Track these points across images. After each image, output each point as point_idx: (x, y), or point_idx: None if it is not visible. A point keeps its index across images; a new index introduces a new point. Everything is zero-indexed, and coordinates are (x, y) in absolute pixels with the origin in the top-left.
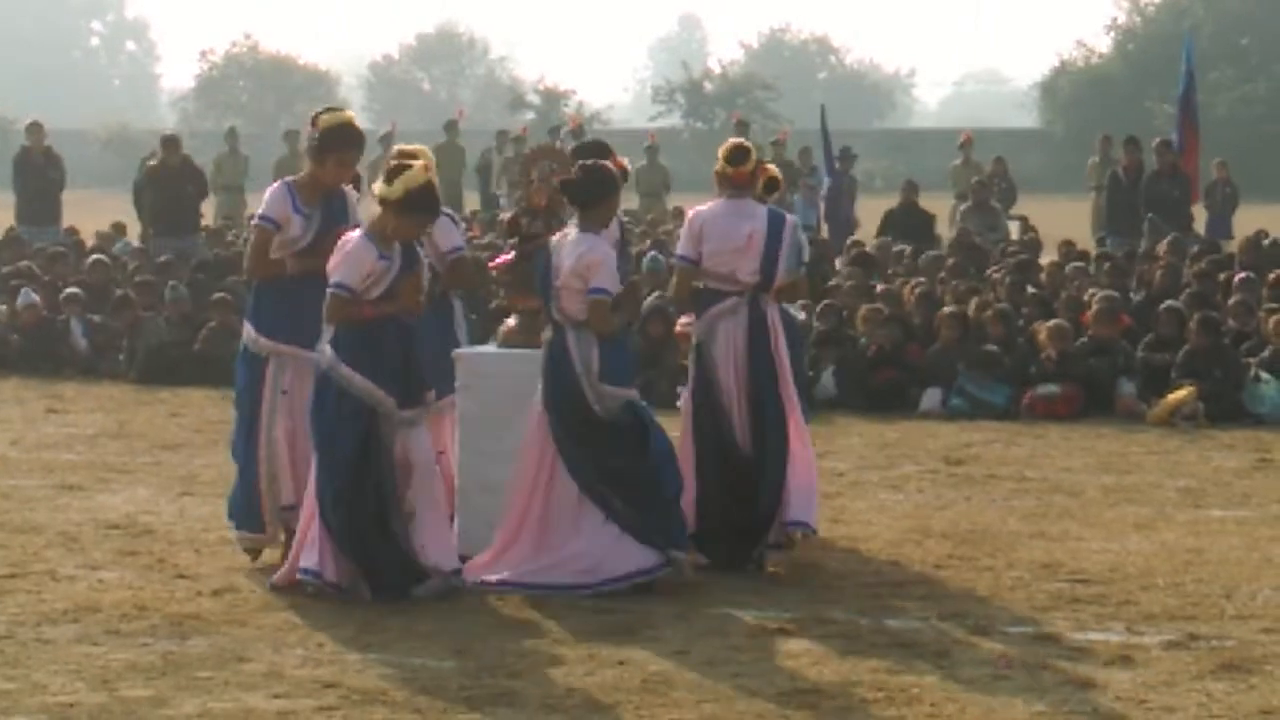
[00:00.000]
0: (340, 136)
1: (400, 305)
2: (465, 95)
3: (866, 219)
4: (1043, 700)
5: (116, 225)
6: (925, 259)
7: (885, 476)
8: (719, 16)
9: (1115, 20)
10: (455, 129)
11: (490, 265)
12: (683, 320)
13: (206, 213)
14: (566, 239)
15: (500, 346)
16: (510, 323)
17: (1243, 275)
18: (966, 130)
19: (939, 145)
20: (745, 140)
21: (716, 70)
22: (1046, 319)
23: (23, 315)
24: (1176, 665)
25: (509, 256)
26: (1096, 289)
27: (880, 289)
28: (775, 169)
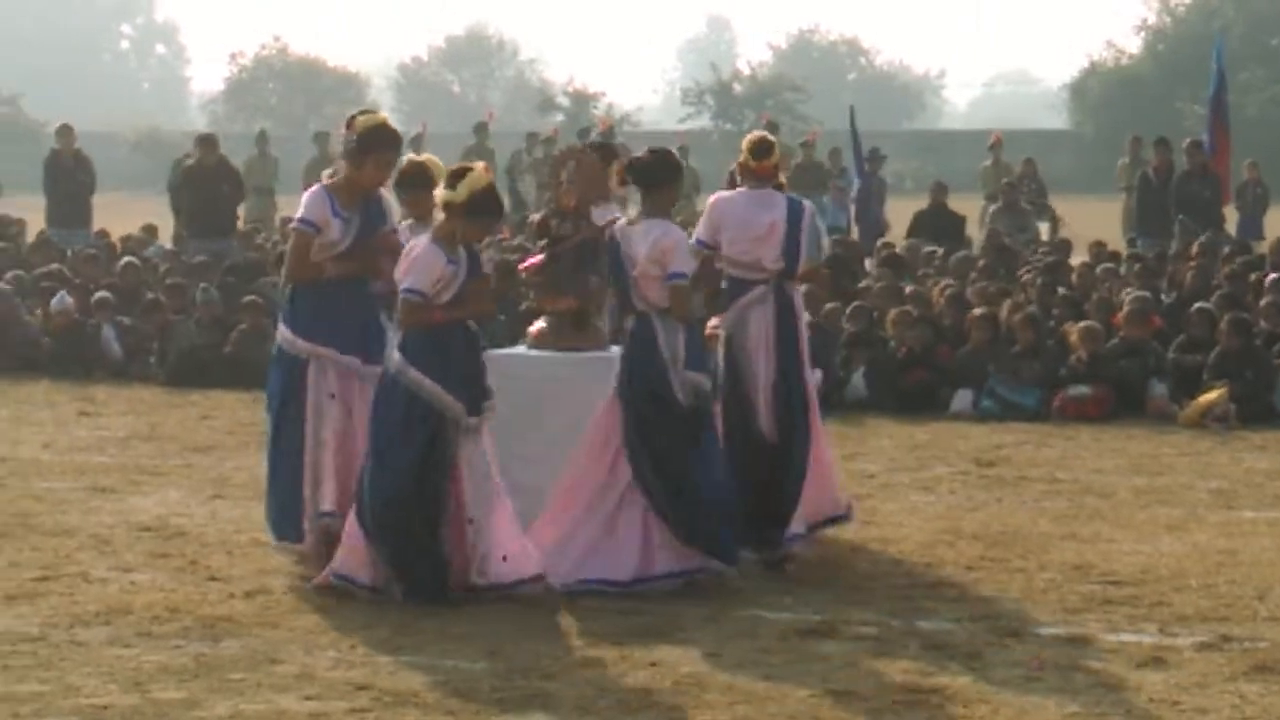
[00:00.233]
0: (379, 138)
1: (470, 310)
2: (495, 97)
3: (896, 220)
4: (1075, 702)
5: (147, 228)
6: (955, 260)
7: (916, 478)
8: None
9: (1145, 21)
10: (485, 131)
11: (520, 267)
12: (711, 323)
13: (240, 215)
14: (634, 227)
15: (530, 348)
16: (540, 325)
17: (1274, 276)
18: (996, 131)
19: (969, 146)
20: (769, 135)
21: (745, 72)
22: (1077, 320)
23: (55, 319)
24: (1209, 667)
25: (539, 258)
26: (1128, 290)
27: (910, 291)
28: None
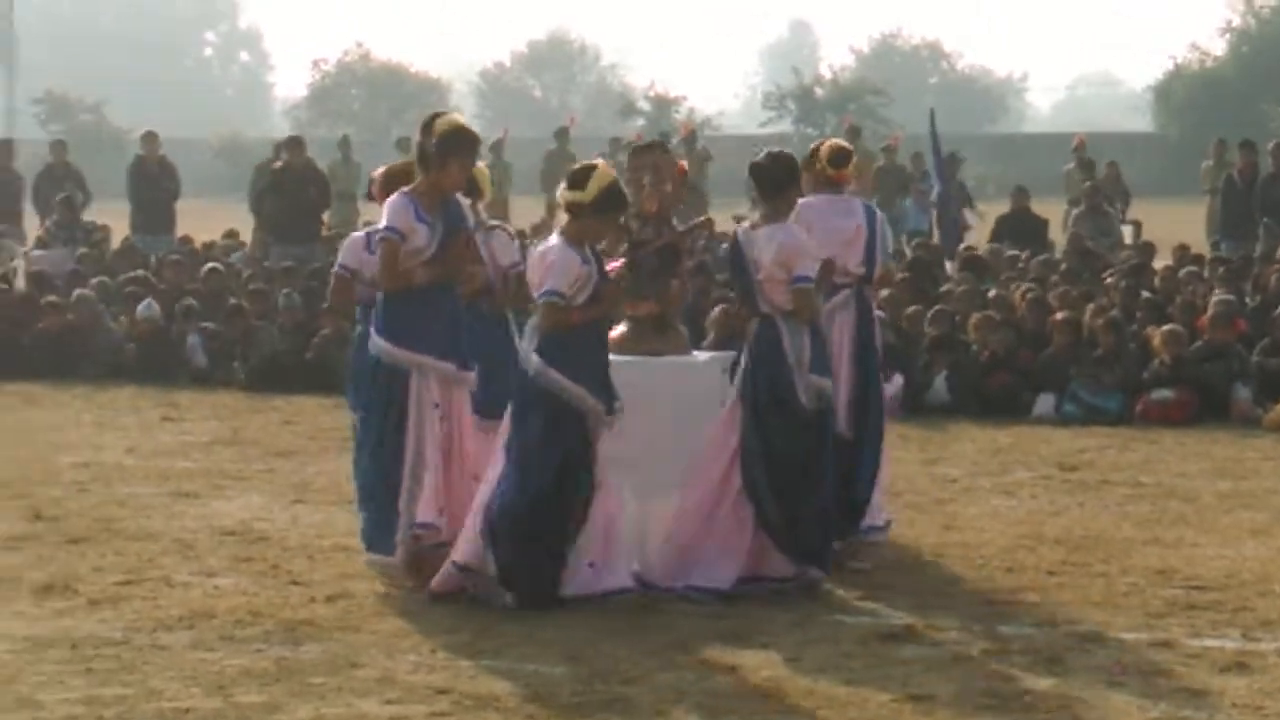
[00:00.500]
0: (461, 140)
1: (604, 310)
2: (576, 102)
3: (978, 225)
4: (1157, 707)
5: (231, 233)
6: (1037, 263)
7: (998, 482)
8: (830, 22)
9: (1230, 23)
10: (566, 136)
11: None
12: None
13: (325, 221)
14: (757, 231)
15: (611, 353)
16: (621, 329)
17: None
18: (1079, 134)
19: (1051, 150)
20: (844, 143)
21: (827, 76)
22: (1160, 324)
23: (140, 325)
24: None
25: (619, 262)
26: (1214, 293)
27: (993, 295)
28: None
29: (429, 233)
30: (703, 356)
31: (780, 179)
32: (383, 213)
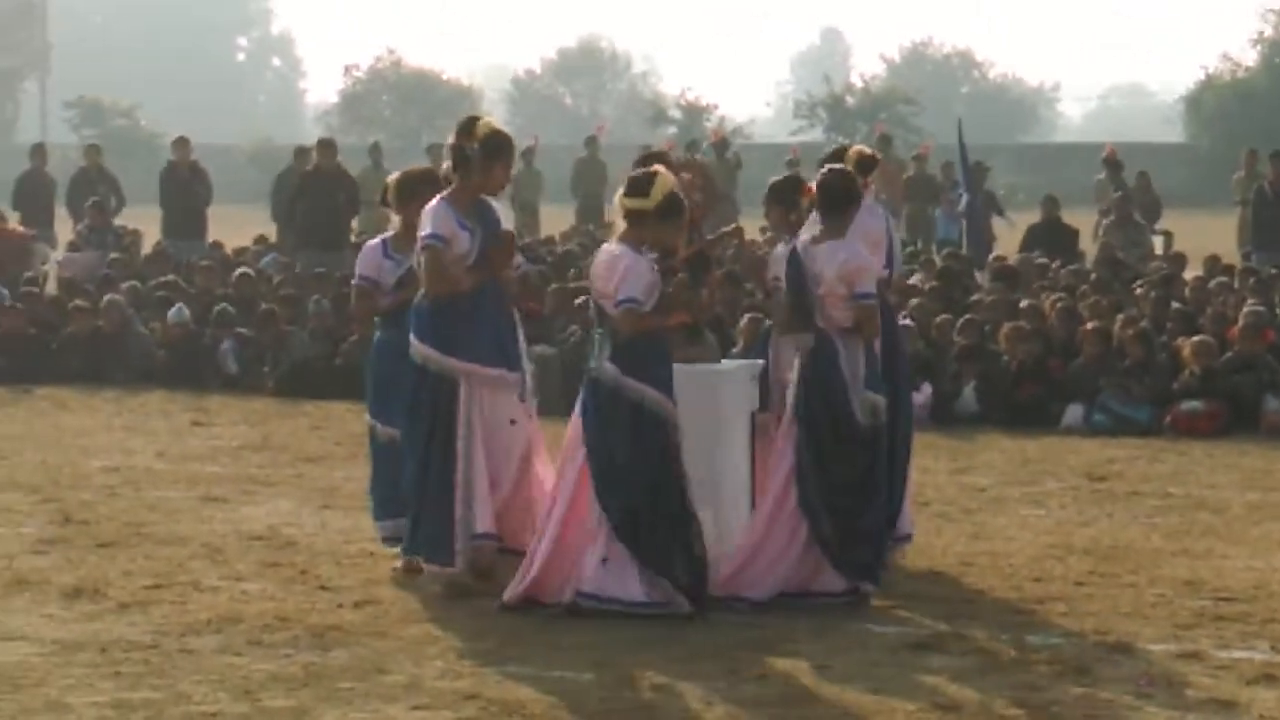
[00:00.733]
0: (504, 144)
1: (678, 315)
2: (607, 110)
3: (1008, 234)
4: (1185, 719)
5: (260, 239)
6: (1067, 273)
7: (1027, 492)
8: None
9: (1261, 33)
10: (596, 144)
11: None
12: None
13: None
14: (819, 246)
15: None
16: None
17: None
18: (1110, 144)
19: (1083, 160)
20: (870, 150)
21: (859, 84)
22: (1191, 335)
23: (171, 330)
24: None
25: None
26: (1243, 304)
27: (1025, 305)
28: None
29: (470, 238)
30: (731, 365)
31: (844, 196)
32: (422, 220)
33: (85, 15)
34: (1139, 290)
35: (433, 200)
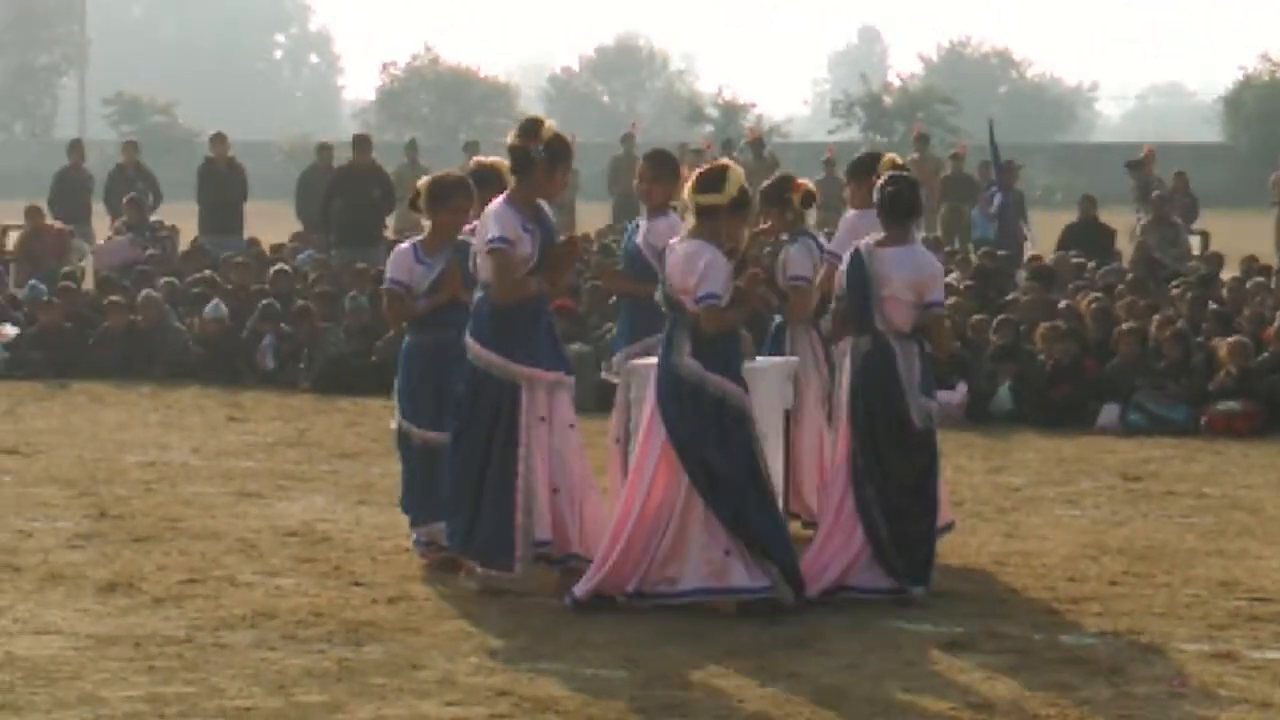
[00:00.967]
0: (568, 149)
1: (749, 310)
2: (644, 108)
3: (1046, 234)
4: (1219, 719)
5: (297, 235)
6: (1103, 273)
7: (1062, 492)
8: (899, 29)
9: None
10: (631, 142)
11: None
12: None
13: (388, 224)
14: (885, 250)
15: None
16: None
17: None
18: (1148, 144)
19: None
20: (900, 159)
21: (896, 83)
22: (1227, 335)
23: (208, 325)
24: None
25: None
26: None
27: (1064, 305)
28: (811, 184)
29: (533, 241)
30: (766, 362)
31: (911, 205)
32: (485, 222)
33: (124, 11)
34: (1175, 290)
35: (494, 202)
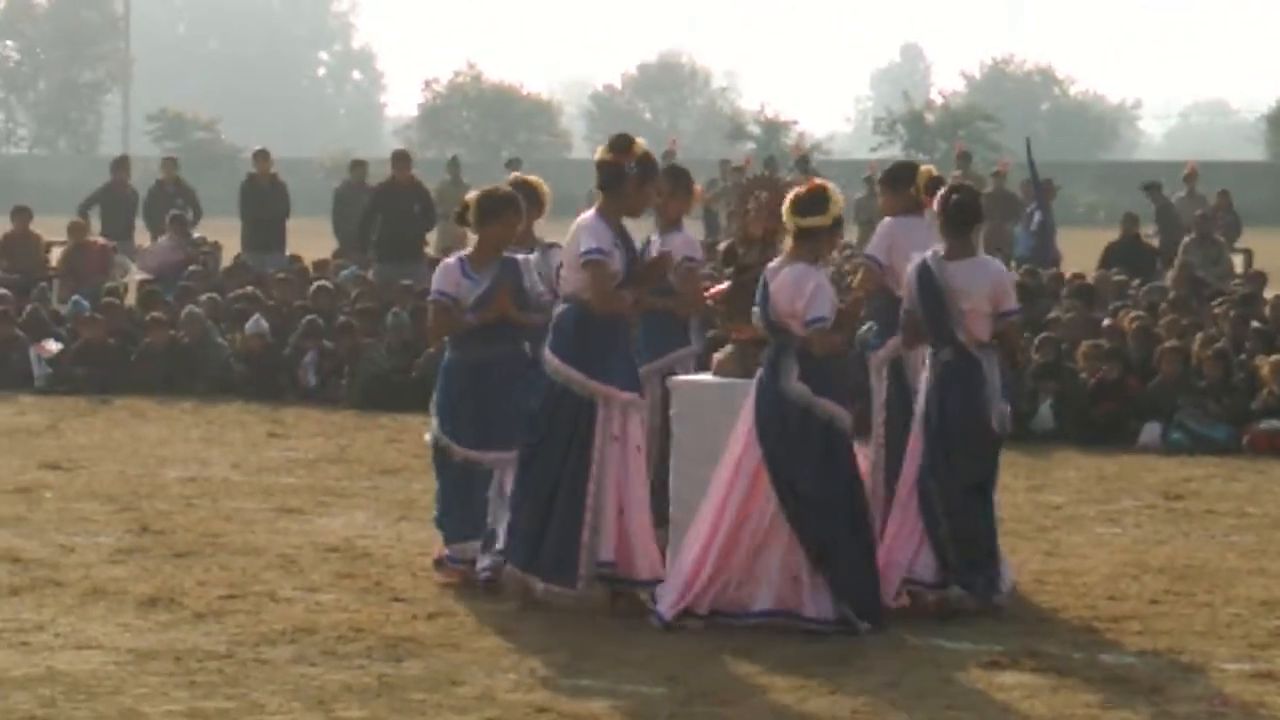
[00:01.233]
0: (656, 165)
1: (852, 332)
2: (686, 125)
3: (1088, 252)
4: None
5: (339, 252)
6: (1145, 291)
7: (1103, 510)
8: (942, 47)
9: None
10: (672, 159)
11: (706, 295)
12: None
13: (429, 240)
14: (956, 263)
15: (715, 375)
16: (725, 352)
17: None
18: (1191, 162)
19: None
20: (937, 171)
21: (938, 101)
22: (1269, 354)
23: (249, 341)
24: None
25: (724, 286)
26: None
27: (1107, 324)
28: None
29: (623, 256)
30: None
31: (974, 214)
32: (577, 235)
33: (168, 29)
34: (1218, 309)
35: (584, 215)
